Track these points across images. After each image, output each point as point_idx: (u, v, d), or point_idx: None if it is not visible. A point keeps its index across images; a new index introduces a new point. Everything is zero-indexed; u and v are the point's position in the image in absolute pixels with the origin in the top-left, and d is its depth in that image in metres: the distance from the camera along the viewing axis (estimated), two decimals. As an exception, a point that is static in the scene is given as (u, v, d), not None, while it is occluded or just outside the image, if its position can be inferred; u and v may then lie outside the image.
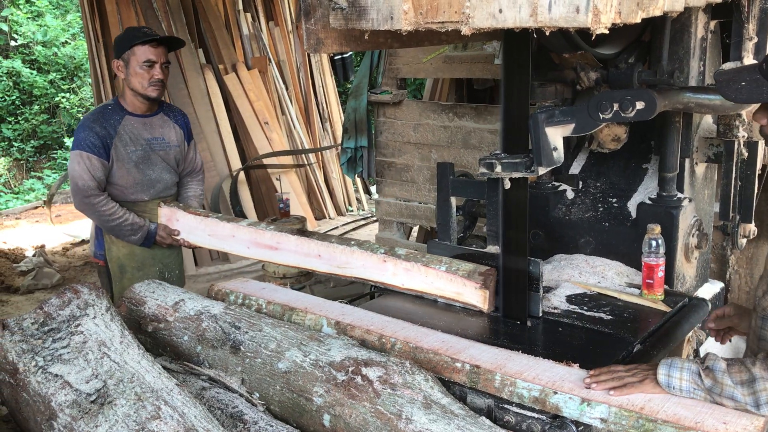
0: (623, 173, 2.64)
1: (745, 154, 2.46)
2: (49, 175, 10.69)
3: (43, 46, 11.49)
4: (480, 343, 1.94)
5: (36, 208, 9.27)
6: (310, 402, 1.78)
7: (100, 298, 1.96)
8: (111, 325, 1.90)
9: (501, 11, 1.47)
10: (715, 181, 2.78)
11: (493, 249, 2.31)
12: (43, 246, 6.84)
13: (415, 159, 5.02)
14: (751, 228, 2.57)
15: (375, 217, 6.84)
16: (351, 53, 8.08)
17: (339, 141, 7.15)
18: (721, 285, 2.73)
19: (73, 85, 11.62)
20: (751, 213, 2.54)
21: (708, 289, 2.65)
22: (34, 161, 11.20)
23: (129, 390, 1.66)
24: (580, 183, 2.69)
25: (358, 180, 8.38)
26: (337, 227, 7.43)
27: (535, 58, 2.25)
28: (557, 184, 2.71)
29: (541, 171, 2.00)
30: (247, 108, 6.90)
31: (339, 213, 8.12)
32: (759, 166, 2.52)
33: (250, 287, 2.48)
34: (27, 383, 1.75)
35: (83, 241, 7.18)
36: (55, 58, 11.54)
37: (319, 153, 7.94)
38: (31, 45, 11.48)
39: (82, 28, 10.20)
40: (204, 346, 2.08)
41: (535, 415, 1.68)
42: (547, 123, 1.97)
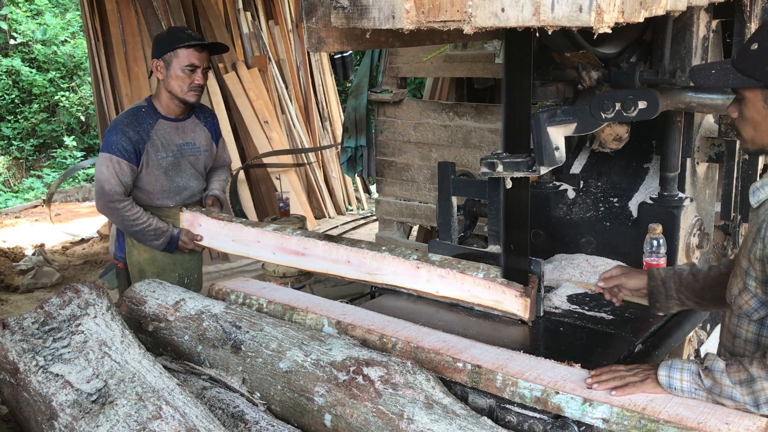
0: (624, 173, 2.64)
1: (747, 154, 2.46)
2: (49, 174, 10.68)
3: (42, 45, 11.48)
4: (481, 342, 1.94)
5: (35, 206, 9.27)
6: (311, 402, 1.78)
7: (101, 298, 1.96)
8: (112, 325, 1.89)
9: (503, 10, 1.46)
10: (717, 180, 2.78)
11: (494, 248, 2.31)
12: (42, 245, 6.83)
13: (415, 158, 5.02)
14: (753, 228, 2.56)
15: (375, 217, 6.84)
16: (351, 52, 8.08)
17: (339, 140, 7.15)
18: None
19: (73, 83, 11.61)
20: (753, 213, 2.53)
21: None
22: (33, 160, 11.19)
23: (130, 390, 1.66)
24: (582, 182, 2.69)
25: (358, 179, 8.38)
26: (336, 226, 7.42)
27: (537, 57, 2.25)
28: (558, 183, 2.71)
29: (543, 171, 2.00)
30: (247, 107, 6.90)
31: (339, 212, 8.11)
32: (760, 165, 2.52)
33: (251, 287, 2.47)
34: (27, 383, 1.75)
35: (83, 240, 7.17)
36: (55, 57, 11.52)
37: (319, 152, 7.93)
38: (30, 43, 11.47)
39: (81, 27, 10.21)
40: (205, 345, 2.07)
41: (536, 415, 1.68)
42: (549, 122, 1.97)
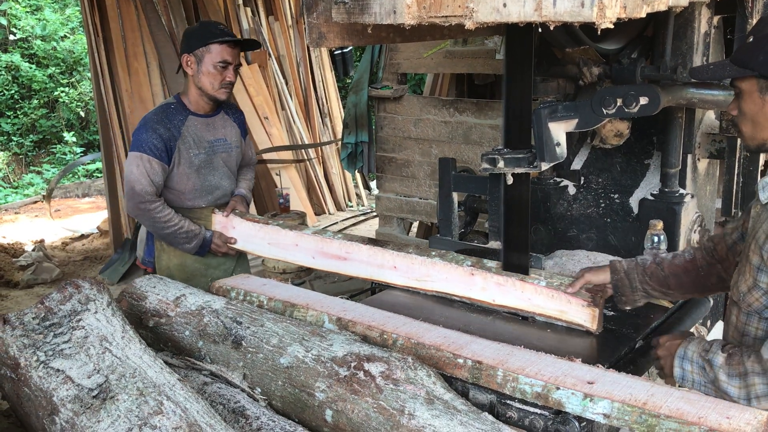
0: (625, 169, 2.63)
1: (748, 152, 2.46)
2: (48, 170, 10.67)
3: (42, 41, 11.46)
4: (482, 338, 1.94)
5: (35, 202, 9.27)
6: (312, 397, 1.78)
7: (101, 293, 1.96)
8: (112, 320, 1.89)
9: (505, 5, 1.46)
10: (717, 177, 2.78)
11: (494, 245, 2.31)
12: (42, 240, 6.83)
13: (416, 154, 5.02)
14: (753, 224, 2.56)
15: (375, 213, 6.84)
16: (351, 48, 8.07)
17: (339, 136, 7.14)
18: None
19: (73, 79, 11.59)
20: (753, 209, 2.53)
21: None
22: (33, 156, 11.19)
23: (131, 385, 1.66)
24: (582, 179, 2.68)
25: (358, 175, 8.38)
26: (336, 222, 7.42)
27: (538, 53, 2.24)
28: (559, 179, 2.71)
29: (544, 167, 2.00)
30: (247, 103, 6.88)
31: (339, 208, 8.11)
32: (761, 162, 2.52)
33: (251, 283, 2.47)
34: (28, 378, 1.75)
35: (82, 236, 7.17)
36: (54, 53, 11.50)
37: (319, 148, 7.93)
38: (30, 39, 11.45)
39: (81, 23, 10.18)
40: (205, 341, 2.07)
41: (537, 410, 1.68)
42: (550, 118, 1.96)
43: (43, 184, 10.23)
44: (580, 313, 2.04)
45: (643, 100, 1.95)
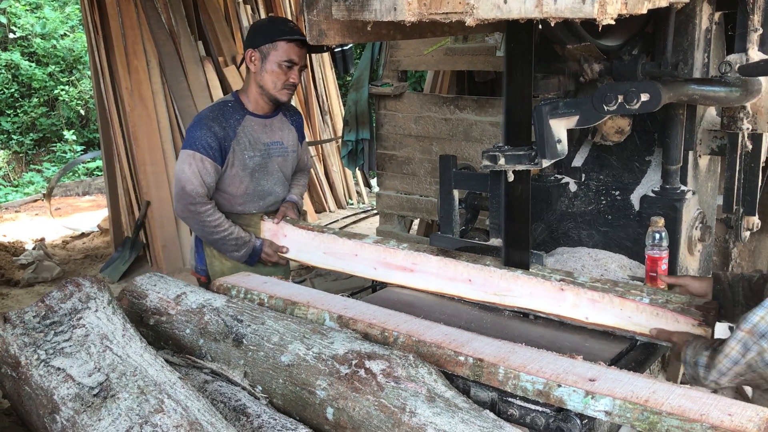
0: (626, 166, 2.63)
1: (749, 147, 2.45)
2: (49, 168, 10.68)
3: (41, 39, 11.46)
4: (483, 336, 1.94)
5: (35, 201, 9.27)
6: (313, 395, 1.77)
7: (102, 291, 1.95)
8: (113, 318, 1.89)
9: (506, 2, 1.45)
10: (719, 173, 2.77)
11: (495, 242, 2.30)
12: (42, 239, 6.84)
13: (416, 152, 5.02)
14: (755, 221, 2.56)
15: (375, 210, 6.84)
16: (351, 45, 8.06)
17: (339, 134, 7.13)
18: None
19: (72, 77, 11.59)
20: (755, 206, 2.53)
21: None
22: (33, 154, 11.20)
23: (132, 383, 1.66)
24: (583, 176, 2.68)
25: (359, 173, 8.38)
26: (337, 220, 7.43)
27: (539, 49, 2.24)
28: (560, 176, 2.70)
29: (545, 164, 1.99)
30: (247, 101, 6.88)
31: (339, 206, 8.11)
32: (763, 158, 2.51)
33: (252, 281, 2.46)
34: (29, 376, 1.75)
35: (83, 234, 7.17)
36: (54, 51, 11.51)
37: (320, 146, 7.93)
38: (29, 37, 11.45)
39: (81, 21, 10.16)
40: (206, 339, 2.07)
41: (539, 408, 1.68)
42: (551, 115, 1.96)
43: (43, 182, 10.24)
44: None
45: (644, 97, 1.94)
